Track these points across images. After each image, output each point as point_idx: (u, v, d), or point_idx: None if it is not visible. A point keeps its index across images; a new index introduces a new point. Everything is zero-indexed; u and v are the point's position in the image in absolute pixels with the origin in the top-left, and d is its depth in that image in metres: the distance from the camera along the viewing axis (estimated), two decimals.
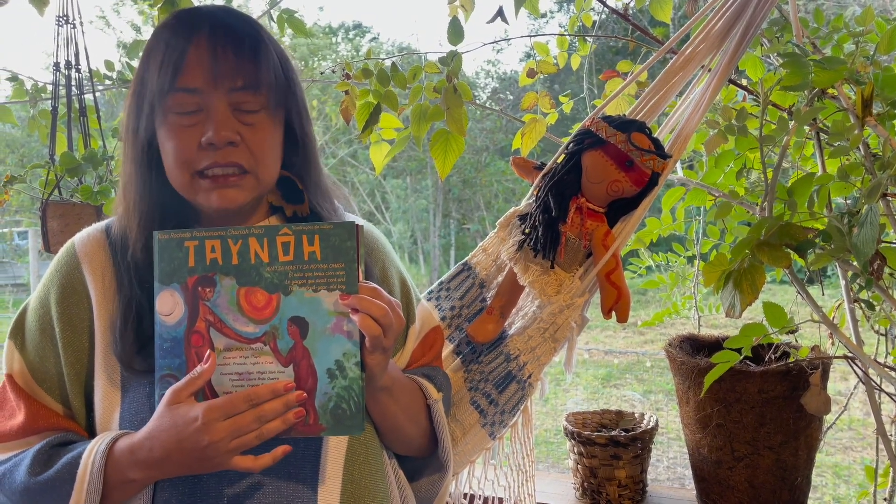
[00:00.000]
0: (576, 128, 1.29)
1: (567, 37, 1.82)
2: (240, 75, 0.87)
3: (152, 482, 0.86)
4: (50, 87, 2.02)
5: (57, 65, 1.96)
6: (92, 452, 0.85)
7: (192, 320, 0.82)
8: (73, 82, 1.98)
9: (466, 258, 1.34)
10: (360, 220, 1.08)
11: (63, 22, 1.95)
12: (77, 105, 1.99)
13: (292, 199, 0.98)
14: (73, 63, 1.97)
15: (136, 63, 0.96)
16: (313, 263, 0.81)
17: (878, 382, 1.30)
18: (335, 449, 0.92)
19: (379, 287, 0.84)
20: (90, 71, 2.03)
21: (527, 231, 1.22)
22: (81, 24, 1.99)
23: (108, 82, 2.16)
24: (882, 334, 1.46)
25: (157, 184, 0.92)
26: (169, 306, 0.82)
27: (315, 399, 0.81)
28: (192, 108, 0.87)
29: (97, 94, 2.08)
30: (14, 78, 2.24)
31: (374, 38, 17.07)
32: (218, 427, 0.77)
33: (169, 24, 0.90)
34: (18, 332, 0.97)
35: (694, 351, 1.48)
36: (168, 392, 0.80)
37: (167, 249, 0.83)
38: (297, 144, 0.97)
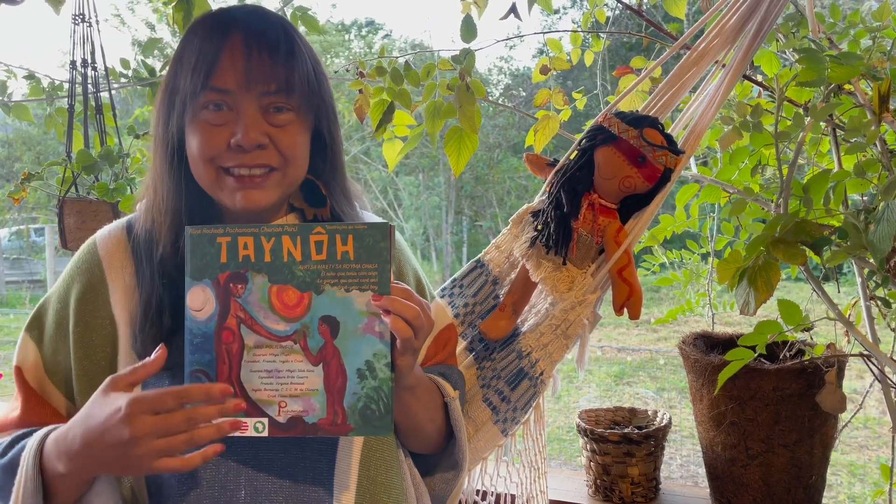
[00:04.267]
0: (589, 124, 1.29)
1: (580, 33, 1.81)
2: (273, 79, 0.88)
3: (84, 480, 0.83)
4: (66, 85, 2.04)
5: (73, 63, 1.98)
6: (32, 440, 0.84)
7: (222, 317, 0.82)
8: (90, 80, 2.00)
9: (479, 255, 1.34)
10: (377, 219, 1.09)
11: (79, 20, 1.97)
12: (93, 103, 2.01)
13: (314, 203, 0.99)
14: (90, 61, 1.99)
15: (151, 61, 0.97)
16: (346, 263, 0.81)
17: (895, 381, 1.29)
18: (351, 445, 0.92)
19: (410, 288, 0.84)
20: (106, 69, 2.04)
21: (539, 228, 1.22)
22: (97, 22, 2.00)
23: (123, 80, 2.18)
24: None
25: (185, 183, 0.93)
26: (200, 302, 0.82)
27: (344, 399, 0.81)
28: (223, 107, 0.88)
29: (113, 91, 2.10)
30: (31, 76, 2.26)
31: (387, 35, 17.09)
32: (141, 421, 0.73)
33: (204, 23, 0.90)
34: (35, 325, 0.98)
35: (708, 348, 1.47)
36: (108, 379, 0.79)
37: (199, 245, 0.82)
38: (324, 150, 0.97)
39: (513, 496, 1.31)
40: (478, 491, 1.32)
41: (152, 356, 0.79)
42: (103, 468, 0.78)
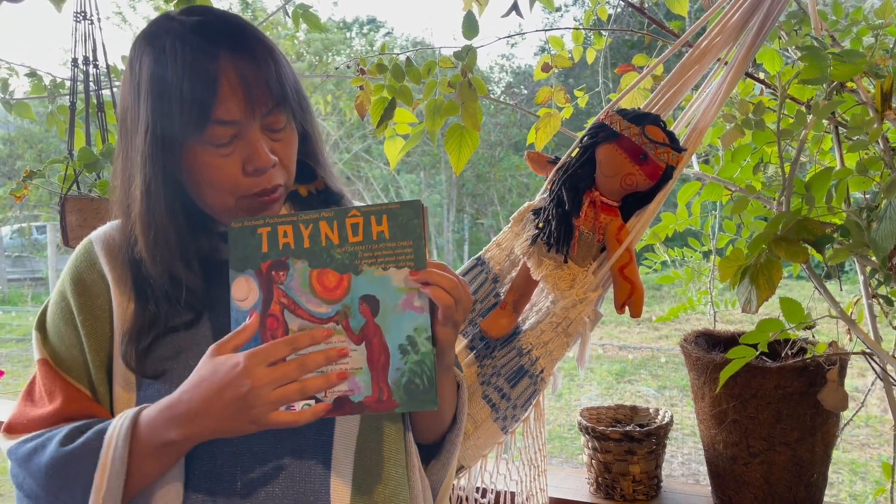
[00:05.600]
0: (591, 122, 1.29)
1: (582, 31, 1.81)
2: (270, 98, 0.87)
3: (189, 446, 0.84)
4: (68, 83, 2.04)
5: (75, 60, 1.98)
6: (121, 419, 0.85)
7: (266, 304, 0.84)
8: (91, 78, 2.00)
9: (480, 253, 1.34)
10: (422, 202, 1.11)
11: (80, 18, 1.97)
12: (95, 100, 2.01)
13: (304, 180, 1.01)
14: (91, 59, 1.99)
15: None
16: (382, 242, 0.83)
17: None
18: (346, 435, 0.93)
19: (446, 264, 0.86)
20: (107, 67, 2.04)
21: (540, 225, 1.22)
22: (99, 20, 2.00)
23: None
24: None
25: (179, 205, 0.91)
26: (244, 292, 0.84)
27: (388, 375, 0.82)
28: (229, 139, 0.87)
29: (114, 89, 2.10)
30: (32, 74, 2.26)
31: (389, 33, 17.07)
32: (260, 372, 0.77)
33: (187, 38, 0.86)
34: (43, 324, 0.98)
35: (709, 346, 1.47)
36: (211, 346, 0.81)
37: (241, 237, 0.85)
38: (307, 139, 0.99)
39: (512, 494, 1.31)
40: (478, 488, 1.32)
41: (248, 320, 0.82)
42: (222, 425, 0.80)
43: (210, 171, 0.88)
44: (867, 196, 1.33)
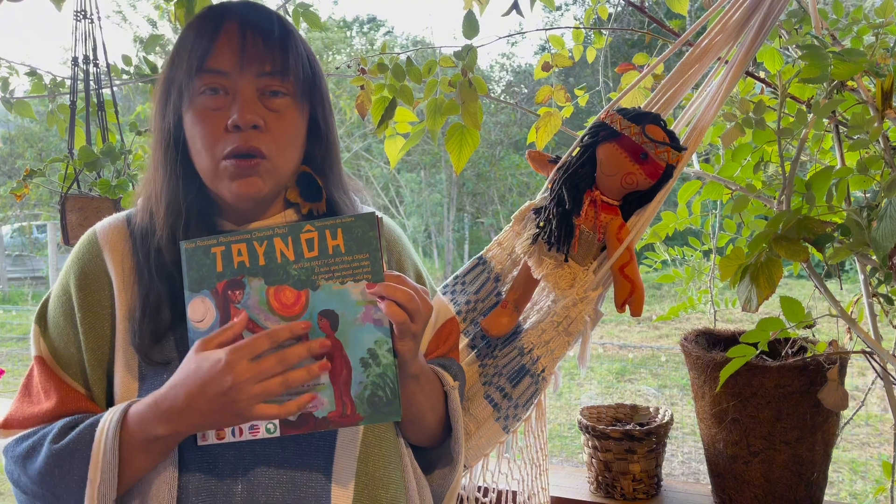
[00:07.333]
0: (591, 121, 1.29)
1: (582, 29, 1.81)
2: (268, 60, 0.89)
3: (177, 440, 0.85)
4: (68, 82, 2.04)
5: (75, 59, 1.98)
6: (111, 412, 0.86)
7: (223, 324, 0.83)
8: (91, 77, 2.00)
9: (482, 252, 1.34)
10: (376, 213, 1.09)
11: (81, 17, 1.97)
12: (95, 99, 2.01)
13: (310, 197, 0.99)
14: (91, 58, 1.99)
15: (153, 58, 0.97)
16: (338, 257, 0.83)
17: None
18: (349, 441, 0.92)
19: (403, 275, 0.85)
20: (108, 66, 2.04)
21: (541, 224, 1.22)
22: (99, 19, 2.00)
23: (125, 77, 2.18)
24: None
25: (181, 173, 0.93)
26: (200, 313, 0.84)
27: (351, 389, 0.82)
28: (220, 91, 0.89)
29: (115, 88, 2.10)
30: (33, 73, 2.26)
31: (389, 32, 17.08)
32: (241, 367, 0.77)
33: (200, 17, 0.92)
34: (42, 317, 0.98)
35: (709, 345, 1.47)
36: (197, 342, 0.81)
37: (194, 257, 0.84)
38: (319, 139, 0.98)
39: (514, 493, 1.32)
40: (479, 487, 1.32)
41: (236, 319, 0.82)
42: (207, 419, 0.81)
43: (198, 124, 0.89)
44: (867, 195, 1.33)
